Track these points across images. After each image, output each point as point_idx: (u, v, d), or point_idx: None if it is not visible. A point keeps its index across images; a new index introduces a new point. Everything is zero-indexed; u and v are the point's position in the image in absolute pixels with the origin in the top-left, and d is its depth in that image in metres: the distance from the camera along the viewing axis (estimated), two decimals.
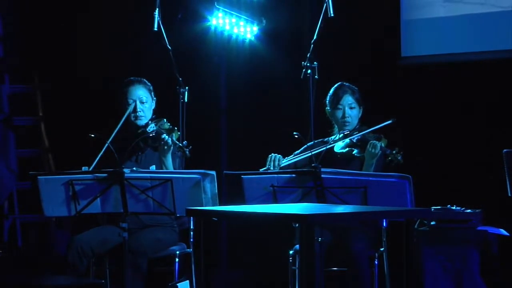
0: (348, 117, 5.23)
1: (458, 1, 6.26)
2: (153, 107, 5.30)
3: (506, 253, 5.41)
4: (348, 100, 5.24)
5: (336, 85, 5.31)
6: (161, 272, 5.17)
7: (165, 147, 5.04)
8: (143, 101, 5.24)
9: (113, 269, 5.09)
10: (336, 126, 5.33)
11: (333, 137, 5.29)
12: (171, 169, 5.05)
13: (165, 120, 5.18)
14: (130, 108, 5.22)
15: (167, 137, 5.02)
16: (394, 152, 4.95)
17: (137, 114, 5.22)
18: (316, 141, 5.24)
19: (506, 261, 5.43)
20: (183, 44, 6.18)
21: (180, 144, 5.00)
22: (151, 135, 5.09)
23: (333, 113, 5.28)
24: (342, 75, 5.54)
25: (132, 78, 5.31)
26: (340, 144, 5.14)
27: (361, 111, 5.26)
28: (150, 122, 5.21)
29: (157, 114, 5.28)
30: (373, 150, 4.99)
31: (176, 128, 5.11)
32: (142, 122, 5.23)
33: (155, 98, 5.31)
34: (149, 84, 5.32)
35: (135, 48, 6.69)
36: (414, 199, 4.38)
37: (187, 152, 4.98)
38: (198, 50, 6.66)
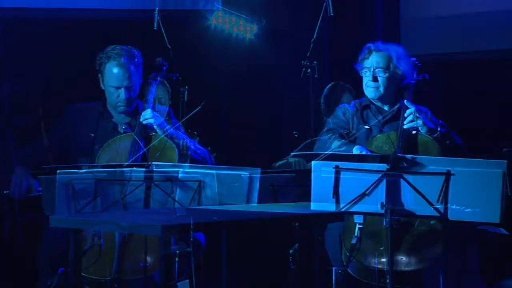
0: None
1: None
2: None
3: (506, 252, 5.41)
4: (348, 98, 5.23)
5: (330, 85, 5.27)
6: None
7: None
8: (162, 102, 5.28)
9: None
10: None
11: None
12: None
13: None
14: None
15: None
16: None
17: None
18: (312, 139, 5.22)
19: (506, 260, 5.43)
20: (183, 43, 6.17)
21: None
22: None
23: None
24: (342, 75, 5.54)
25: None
26: None
27: None
28: None
29: None
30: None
31: (195, 132, 5.12)
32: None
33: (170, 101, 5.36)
34: (168, 85, 5.35)
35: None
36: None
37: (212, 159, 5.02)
38: (198, 49, 6.66)
